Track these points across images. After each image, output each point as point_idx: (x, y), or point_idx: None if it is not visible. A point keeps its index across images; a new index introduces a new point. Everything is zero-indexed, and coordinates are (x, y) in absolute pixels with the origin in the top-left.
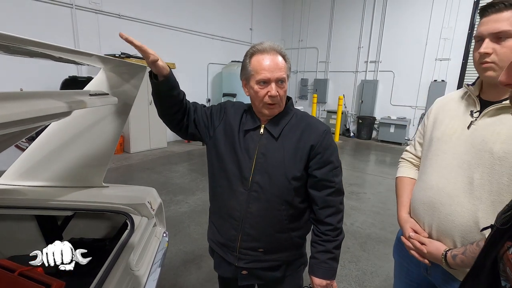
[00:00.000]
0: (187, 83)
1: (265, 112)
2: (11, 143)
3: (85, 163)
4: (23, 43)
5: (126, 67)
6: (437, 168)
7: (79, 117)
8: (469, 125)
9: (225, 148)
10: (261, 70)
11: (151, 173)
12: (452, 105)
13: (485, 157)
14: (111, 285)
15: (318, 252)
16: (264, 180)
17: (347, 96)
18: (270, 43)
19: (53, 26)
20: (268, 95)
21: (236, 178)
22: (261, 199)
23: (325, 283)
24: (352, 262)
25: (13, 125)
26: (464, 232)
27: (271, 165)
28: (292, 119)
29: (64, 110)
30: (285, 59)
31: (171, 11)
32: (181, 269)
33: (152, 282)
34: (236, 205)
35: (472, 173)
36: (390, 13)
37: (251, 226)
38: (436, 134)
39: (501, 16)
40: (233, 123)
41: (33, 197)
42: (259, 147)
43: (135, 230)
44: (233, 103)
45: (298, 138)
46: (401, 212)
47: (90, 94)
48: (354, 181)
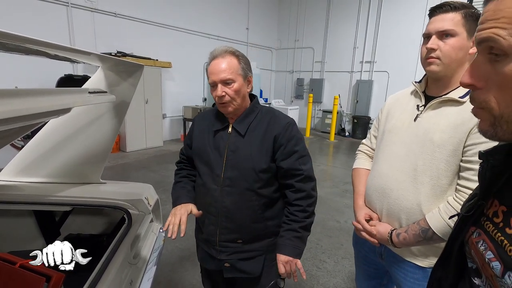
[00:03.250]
0: (183, 83)
1: (221, 110)
2: (10, 140)
3: (83, 159)
4: (24, 41)
5: (124, 66)
6: (387, 157)
7: (77, 115)
8: (415, 118)
9: (198, 151)
10: (210, 75)
11: (147, 172)
12: (402, 101)
13: (427, 146)
14: (109, 277)
15: (285, 231)
16: (234, 175)
17: (342, 96)
18: (222, 47)
19: (48, 24)
20: (216, 96)
21: (208, 176)
22: (233, 193)
23: (287, 259)
24: (345, 258)
25: (15, 121)
26: (409, 214)
27: (240, 161)
28: (258, 116)
29: (65, 107)
30: (238, 59)
31: (167, 10)
32: (177, 266)
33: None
34: (211, 201)
35: (416, 160)
36: (385, 14)
37: (227, 219)
38: (387, 127)
39: (446, 17)
40: (203, 128)
41: (32, 193)
42: (228, 145)
43: (132, 225)
44: (203, 112)
45: (264, 132)
46: (358, 200)
47: (89, 92)
48: (349, 179)
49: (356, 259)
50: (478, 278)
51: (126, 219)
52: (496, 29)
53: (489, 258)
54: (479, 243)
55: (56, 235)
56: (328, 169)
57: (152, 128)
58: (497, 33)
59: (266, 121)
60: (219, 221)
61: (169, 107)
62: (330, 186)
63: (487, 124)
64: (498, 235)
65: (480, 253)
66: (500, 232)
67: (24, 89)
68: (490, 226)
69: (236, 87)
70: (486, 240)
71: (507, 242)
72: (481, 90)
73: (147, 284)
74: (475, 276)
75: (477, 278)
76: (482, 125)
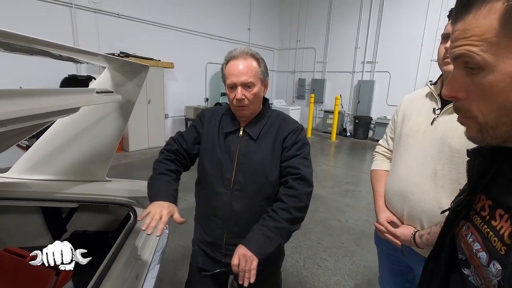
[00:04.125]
0: (185, 83)
1: (236, 114)
2: (20, 139)
3: (90, 158)
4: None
5: (130, 66)
6: (406, 161)
7: (84, 114)
8: (432, 122)
9: (206, 152)
10: (229, 76)
11: (150, 171)
12: (417, 103)
13: (445, 151)
14: (115, 272)
15: (258, 225)
16: (245, 179)
17: (344, 96)
18: (242, 48)
19: (52, 25)
20: (235, 98)
21: (217, 180)
22: (243, 197)
23: (244, 253)
24: (346, 257)
25: (29, 120)
26: (430, 217)
27: (251, 165)
28: (269, 121)
29: (74, 106)
30: (258, 63)
31: (170, 11)
32: (180, 263)
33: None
34: (220, 205)
35: (436, 165)
36: (387, 14)
37: (235, 223)
38: (404, 130)
39: None
40: (212, 128)
41: (40, 190)
42: (239, 148)
43: (137, 221)
44: (211, 110)
45: (274, 137)
46: (379, 201)
47: (97, 91)
48: (350, 179)
49: (380, 257)
50: (467, 269)
51: (132, 216)
52: (468, 46)
53: (476, 249)
54: (467, 235)
55: (63, 232)
56: (330, 169)
57: (155, 128)
58: (470, 50)
59: (277, 126)
60: (227, 225)
61: (171, 107)
62: (331, 186)
63: (474, 131)
64: (484, 227)
65: (468, 244)
66: (487, 224)
67: (36, 89)
68: (478, 219)
69: (256, 91)
70: (474, 232)
71: (492, 234)
72: (463, 100)
73: (151, 282)
74: (465, 267)
75: (467, 269)
76: (470, 133)
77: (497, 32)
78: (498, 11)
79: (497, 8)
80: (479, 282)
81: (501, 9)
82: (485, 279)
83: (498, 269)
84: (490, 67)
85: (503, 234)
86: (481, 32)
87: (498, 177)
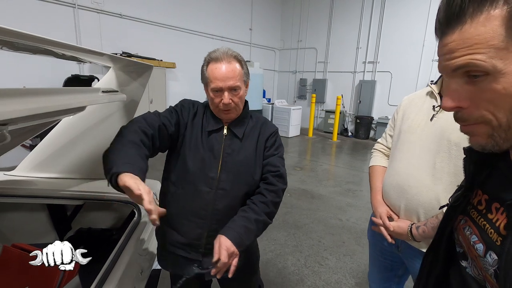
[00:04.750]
0: (187, 83)
1: (221, 116)
2: (27, 137)
3: (94, 156)
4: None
5: (134, 66)
6: (405, 155)
7: (89, 113)
8: (432, 118)
9: (189, 150)
10: (214, 79)
11: (152, 170)
12: (417, 101)
13: (444, 144)
14: (121, 267)
15: (237, 216)
16: (230, 178)
17: (345, 96)
18: (224, 50)
19: (55, 25)
20: (222, 103)
21: (200, 179)
22: (227, 196)
23: (232, 248)
24: (347, 256)
25: (39, 118)
26: (427, 209)
27: (236, 164)
28: (251, 121)
29: (80, 105)
30: (241, 65)
31: (172, 11)
32: None
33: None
34: (202, 205)
35: (434, 159)
36: (388, 14)
37: (217, 222)
38: (403, 127)
39: None
40: (196, 124)
41: (45, 187)
42: (224, 147)
43: (141, 218)
44: (192, 102)
45: (257, 137)
46: (377, 196)
47: (102, 91)
48: (351, 179)
49: (373, 252)
50: (465, 261)
51: (136, 213)
52: (473, 55)
53: (473, 241)
54: (465, 229)
55: (68, 229)
56: (331, 168)
57: None
58: (474, 58)
59: (259, 127)
60: (209, 224)
61: None
62: (333, 185)
63: (484, 137)
64: (481, 220)
65: (466, 237)
66: (483, 217)
67: (45, 88)
68: (475, 213)
69: (241, 94)
70: (471, 225)
71: (489, 226)
72: (468, 109)
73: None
74: (462, 259)
75: (464, 261)
76: (480, 140)
77: (504, 38)
78: (498, 17)
79: (496, 15)
80: (476, 273)
81: (503, 15)
82: (482, 269)
83: (494, 259)
84: (499, 72)
85: (499, 226)
86: (486, 39)
87: (494, 173)
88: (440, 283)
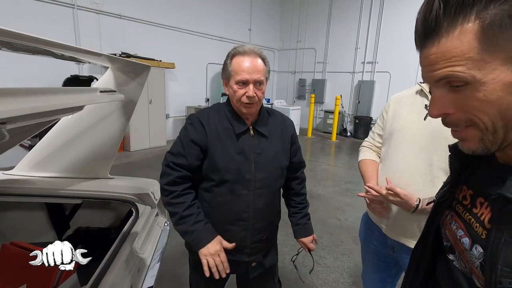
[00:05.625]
0: (186, 83)
1: (242, 110)
2: (25, 137)
3: (93, 156)
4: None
5: (132, 66)
6: (400, 154)
7: (87, 113)
8: (425, 117)
9: (219, 161)
10: (240, 71)
11: (151, 171)
12: (407, 101)
13: (442, 142)
14: (118, 265)
15: (300, 219)
16: (264, 176)
17: (344, 96)
18: (250, 46)
19: (54, 26)
20: (246, 95)
21: (237, 183)
22: (264, 194)
23: (311, 238)
24: (344, 255)
25: (37, 117)
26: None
27: (268, 162)
28: (270, 118)
29: (79, 104)
30: (264, 62)
31: (171, 11)
32: (181, 260)
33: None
34: (243, 207)
35: (431, 156)
36: (387, 14)
37: (259, 220)
38: (396, 126)
39: None
40: (213, 133)
41: (44, 186)
42: (253, 147)
43: (139, 217)
44: (201, 114)
45: (280, 132)
46: (370, 180)
47: (100, 91)
48: (350, 179)
49: (366, 254)
50: (452, 254)
51: (134, 212)
52: (452, 67)
53: (460, 235)
54: (451, 223)
55: (66, 228)
56: (330, 168)
57: (156, 128)
58: (454, 70)
59: (279, 122)
60: (251, 224)
61: (172, 107)
62: (332, 185)
63: (476, 141)
64: (466, 215)
65: (452, 232)
66: (468, 212)
67: (43, 87)
68: (460, 208)
69: (264, 89)
70: (457, 220)
71: (474, 220)
72: (454, 114)
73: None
74: (449, 252)
75: (451, 254)
76: (471, 145)
77: (479, 50)
78: (472, 31)
79: (470, 29)
80: (463, 265)
81: (476, 29)
82: (468, 262)
83: (480, 252)
84: (479, 81)
85: (484, 220)
86: (462, 52)
87: (478, 170)
88: (428, 276)
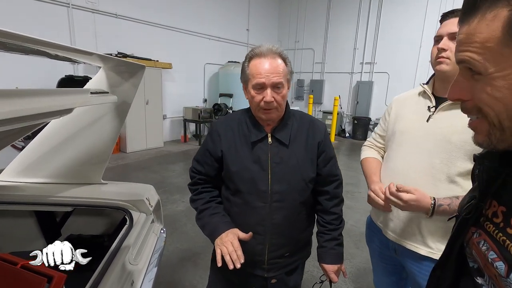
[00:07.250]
0: (183, 84)
1: (261, 117)
2: (12, 140)
3: (84, 160)
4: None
5: (126, 66)
6: (402, 156)
7: (78, 115)
8: (428, 119)
9: (234, 169)
10: (256, 75)
11: (148, 173)
12: (410, 102)
13: (445, 146)
14: (111, 277)
15: (326, 241)
16: (283, 188)
17: (342, 97)
18: (269, 46)
19: (49, 25)
20: (263, 101)
21: (252, 194)
22: (283, 207)
23: (336, 268)
24: (346, 259)
25: (18, 121)
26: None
27: (287, 173)
28: (295, 122)
29: (67, 107)
30: (285, 62)
31: (168, 11)
32: (178, 266)
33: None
34: (258, 220)
35: (433, 159)
36: (385, 15)
37: (277, 236)
38: (398, 127)
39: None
40: (229, 141)
41: (33, 193)
42: (271, 156)
43: (134, 225)
44: (222, 122)
45: (306, 139)
46: (372, 177)
47: (91, 92)
48: (349, 180)
49: (373, 257)
50: (481, 278)
51: (128, 220)
52: (471, 53)
53: (492, 258)
54: (480, 243)
55: (57, 236)
56: None
57: (153, 129)
58: (472, 57)
59: (306, 128)
60: (268, 238)
61: (170, 108)
62: None
63: (483, 134)
64: (499, 235)
65: (482, 253)
66: (502, 232)
67: (26, 89)
68: (491, 226)
69: (284, 93)
70: (487, 240)
71: (510, 242)
72: (470, 101)
73: (148, 285)
74: (478, 275)
75: (480, 278)
76: (478, 138)
77: (500, 41)
78: (501, 19)
79: (501, 16)
80: None
81: (505, 17)
82: None
83: None
84: (490, 75)
85: None
86: (484, 39)
87: (510, 182)
88: None
